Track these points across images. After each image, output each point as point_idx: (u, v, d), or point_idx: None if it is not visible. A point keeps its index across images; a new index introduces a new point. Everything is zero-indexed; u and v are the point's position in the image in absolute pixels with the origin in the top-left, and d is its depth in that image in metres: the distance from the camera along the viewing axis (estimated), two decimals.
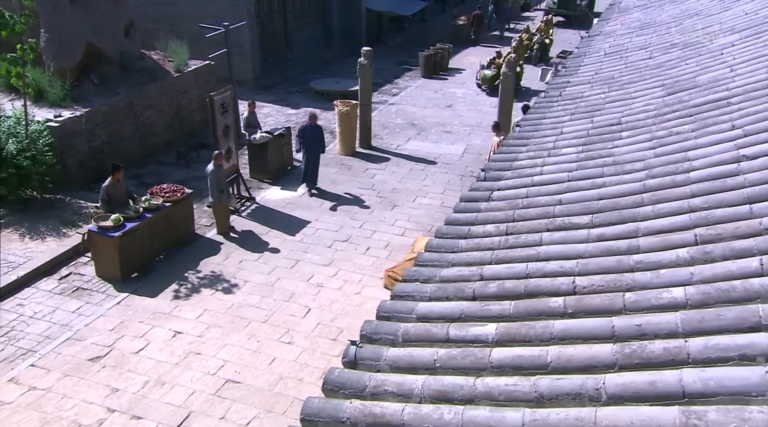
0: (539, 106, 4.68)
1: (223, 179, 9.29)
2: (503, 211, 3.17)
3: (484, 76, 16.29)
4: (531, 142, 4.01)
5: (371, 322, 2.46)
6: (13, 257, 8.36)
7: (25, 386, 6.37)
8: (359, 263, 8.86)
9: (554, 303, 2.21)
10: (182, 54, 12.48)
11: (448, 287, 2.58)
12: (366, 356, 2.23)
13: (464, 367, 2.01)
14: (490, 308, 2.32)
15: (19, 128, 9.05)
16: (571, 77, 5.08)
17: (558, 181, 3.26)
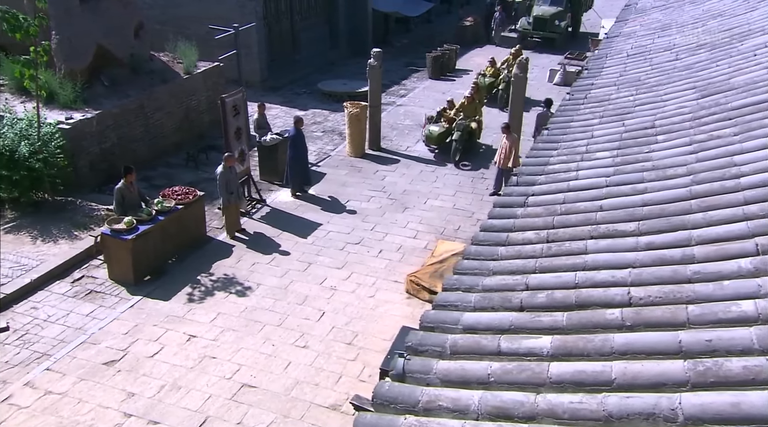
0: (565, 109, 4.60)
1: (232, 181, 9.21)
2: (541, 217, 3.09)
3: (429, 133, 12.23)
4: (561, 145, 3.93)
5: (416, 333, 2.38)
6: (26, 259, 8.29)
7: (41, 390, 6.30)
8: (372, 266, 8.77)
9: (610, 315, 2.13)
10: (191, 56, 12.42)
11: (493, 297, 2.50)
12: (415, 368, 2.15)
13: (521, 382, 1.93)
14: (541, 319, 2.24)
15: (31, 131, 8.99)
16: (594, 79, 4.99)
17: (596, 187, 3.17)
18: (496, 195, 10.95)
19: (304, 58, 18.01)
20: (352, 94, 15.54)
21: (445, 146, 12.48)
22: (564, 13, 20.65)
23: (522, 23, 21.15)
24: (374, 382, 6.63)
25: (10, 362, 6.66)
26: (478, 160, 12.39)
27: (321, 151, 12.81)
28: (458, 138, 11.87)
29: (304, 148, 10.72)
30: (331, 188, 11.15)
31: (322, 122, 14.46)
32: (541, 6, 20.77)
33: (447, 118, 12.56)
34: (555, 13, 20.34)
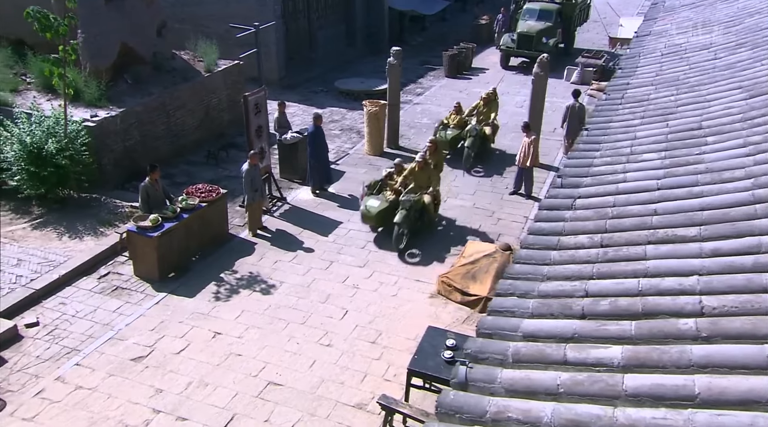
0: (602, 109, 4.48)
1: (257, 179, 9.18)
2: (592, 220, 2.99)
3: (367, 211, 9.03)
4: (603, 146, 3.82)
5: (476, 340, 2.30)
6: (54, 255, 8.32)
7: (71, 385, 6.31)
8: (393, 265, 8.70)
9: (684, 325, 2.04)
10: (212, 54, 12.40)
11: (551, 303, 2.41)
12: (478, 377, 2.08)
13: (593, 394, 1.84)
14: (607, 328, 2.15)
15: (57, 128, 9.01)
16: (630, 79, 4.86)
17: (647, 190, 3.07)
18: (516, 194, 10.82)
19: (321, 56, 17.94)
20: (369, 92, 15.46)
21: (389, 227, 8.85)
22: (553, 29, 17.80)
23: (504, 41, 17.99)
24: (399, 381, 6.58)
25: (41, 356, 6.68)
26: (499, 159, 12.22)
27: (339, 149, 12.74)
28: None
29: (323, 145, 10.65)
30: (350, 187, 11.08)
31: (340, 121, 14.39)
32: (527, 21, 17.82)
33: (392, 189, 9.03)
34: (542, 30, 17.50)
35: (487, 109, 11.99)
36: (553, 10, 18.16)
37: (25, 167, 8.71)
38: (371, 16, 19.42)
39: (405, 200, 8.76)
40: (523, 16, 18.26)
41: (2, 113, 9.32)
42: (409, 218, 8.75)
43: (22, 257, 8.21)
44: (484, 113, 11.94)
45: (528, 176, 10.68)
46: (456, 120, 11.95)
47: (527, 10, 18.37)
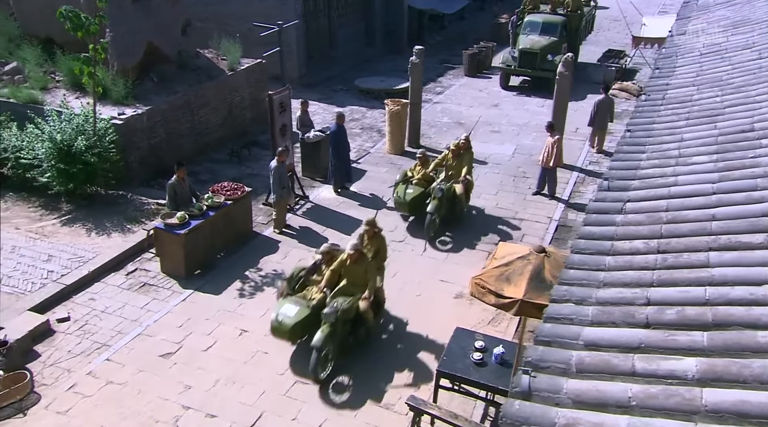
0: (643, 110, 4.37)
1: (285, 176, 9.18)
2: (645, 225, 2.90)
3: (278, 323, 6.54)
4: (648, 148, 3.72)
5: (536, 348, 2.23)
6: (83, 251, 8.40)
7: (102, 380, 6.36)
8: (417, 265, 8.64)
9: (763, 338, 1.95)
10: (235, 53, 12.43)
11: (612, 311, 2.34)
12: (542, 387, 2.01)
13: (669, 408, 1.77)
14: (676, 338, 2.07)
15: (86, 126, 9.09)
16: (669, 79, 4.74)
17: (702, 194, 2.97)
18: (539, 195, 10.68)
19: (341, 55, 17.91)
20: (390, 91, 15.40)
21: None
22: (559, 44, 15.54)
23: (505, 58, 15.96)
24: (426, 382, 6.53)
25: (73, 351, 6.75)
26: (520, 159, 12.06)
27: (360, 148, 12.70)
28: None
29: (345, 144, 10.62)
30: (372, 186, 11.04)
31: (360, 119, 14.35)
32: (529, 35, 15.75)
33: (317, 288, 6.78)
34: (547, 45, 15.38)
35: (458, 162, 9.48)
36: (558, 23, 15.96)
37: (55, 164, 8.80)
38: (390, 14, 19.34)
39: (327, 313, 6.23)
40: (524, 29, 16.04)
41: (33, 111, 9.43)
42: (336, 338, 6.34)
43: (53, 252, 8.30)
44: (453, 167, 9.50)
45: (551, 176, 10.54)
46: (421, 174, 9.50)
47: (529, 23, 16.14)
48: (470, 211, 9.98)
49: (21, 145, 9.06)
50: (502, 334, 7.05)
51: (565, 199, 10.62)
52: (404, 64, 18.01)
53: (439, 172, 9.69)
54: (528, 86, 16.34)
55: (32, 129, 9.06)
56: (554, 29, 15.93)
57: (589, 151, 12.63)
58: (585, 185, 11.21)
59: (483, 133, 13.61)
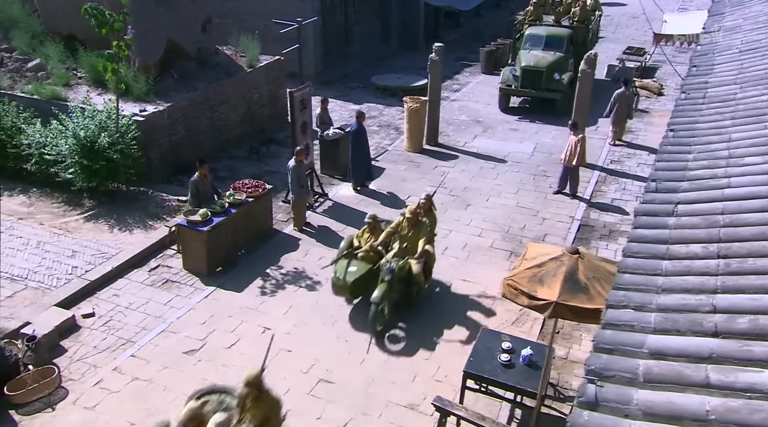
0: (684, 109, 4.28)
1: (303, 175, 9.17)
2: (702, 229, 2.83)
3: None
4: (694, 149, 3.64)
5: (599, 356, 2.19)
6: (106, 247, 8.47)
7: (128, 376, 6.40)
8: (438, 264, 8.54)
9: None
10: (254, 50, 12.45)
11: (677, 319, 2.28)
12: (610, 397, 1.96)
13: (753, 424, 1.71)
14: (752, 349, 2.01)
15: (109, 122, 9.15)
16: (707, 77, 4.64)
17: (760, 196, 2.88)
18: (560, 194, 10.57)
19: (356, 52, 17.86)
20: (406, 88, 15.34)
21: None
22: (565, 60, 13.73)
23: (505, 76, 13.87)
24: (450, 383, 6.50)
25: (98, 347, 6.80)
26: (540, 157, 11.94)
27: (378, 145, 12.66)
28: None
29: (366, 142, 10.61)
30: (391, 184, 11.00)
31: (378, 117, 14.30)
32: (532, 51, 13.71)
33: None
34: (553, 63, 13.45)
35: (416, 232, 7.17)
36: (563, 36, 13.99)
37: (78, 160, 8.87)
38: (406, 11, 19.24)
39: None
40: (525, 44, 14.07)
41: (56, 107, 9.51)
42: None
43: (77, 248, 8.38)
44: (409, 238, 7.18)
45: (574, 175, 10.43)
46: (368, 243, 7.43)
47: (530, 36, 14.09)
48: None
49: (45, 141, 9.14)
50: (526, 334, 6.99)
51: (587, 198, 10.51)
52: (420, 62, 18.00)
53: (393, 242, 7.42)
54: (529, 107, 14.41)
55: (56, 125, 9.14)
56: (559, 43, 13.84)
57: (610, 149, 12.48)
58: (607, 185, 11.08)
59: (502, 130, 13.51)
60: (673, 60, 17.29)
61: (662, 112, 14.67)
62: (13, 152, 9.53)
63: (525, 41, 14.24)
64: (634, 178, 11.30)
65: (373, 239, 7.50)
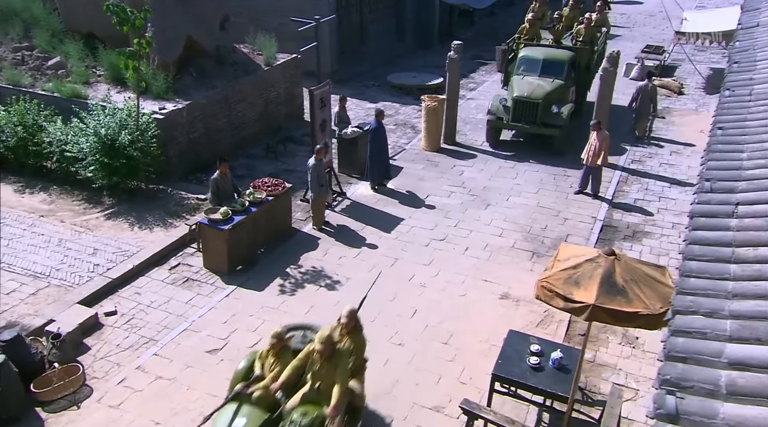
0: (730, 106, 4.15)
1: (323, 173, 9.10)
2: (766, 231, 2.71)
3: None
4: (747, 148, 3.51)
5: (674, 365, 2.08)
6: (127, 245, 8.45)
7: (152, 375, 6.37)
8: (460, 264, 8.49)
9: None
10: (271, 48, 12.40)
11: (756, 327, 2.16)
12: (692, 410, 1.86)
13: None
14: None
15: (129, 120, 9.14)
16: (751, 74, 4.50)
17: None
18: (582, 193, 10.41)
19: (371, 50, 17.77)
20: (422, 87, 15.23)
21: None
22: (565, 89, 11.69)
23: (494, 106, 11.68)
24: (475, 385, 6.40)
25: (121, 345, 6.78)
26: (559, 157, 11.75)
27: (395, 144, 12.56)
28: None
29: (385, 140, 10.52)
30: (409, 183, 10.91)
31: (394, 115, 14.20)
32: (526, 77, 11.62)
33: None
34: (551, 92, 11.32)
35: (330, 369, 4.96)
36: (564, 61, 11.73)
37: (99, 158, 8.87)
38: (421, 10, 19.12)
39: None
40: (519, 68, 11.90)
41: (77, 105, 9.51)
42: None
43: (98, 246, 8.37)
44: (323, 375, 4.97)
45: (596, 175, 10.27)
46: (273, 371, 5.15)
47: (525, 60, 11.92)
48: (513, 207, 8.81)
49: (66, 138, 9.15)
50: (551, 337, 6.87)
51: (609, 198, 10.35)
52: (435, 60, 17.91)
53: (304, 378, 5.15)
54: (523, 141, 12.27)
55: (77, 123, 9.14)
56: (559, 69, 11.63)
57: (631, 149, 12.30)
58: (629, 185, 10.91)
59: None
60: (693, 58, 17.03)
61: (683, 111, 14.45)
62: (34, 150, 9.56)
63: (519, 65, 11.99)
64: (656, 179, 11.12)
65: (279, 367, 5.11)
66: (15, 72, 10.55)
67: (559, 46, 12.62)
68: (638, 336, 7.13)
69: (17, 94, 9.87)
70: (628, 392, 6.23)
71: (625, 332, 7.19)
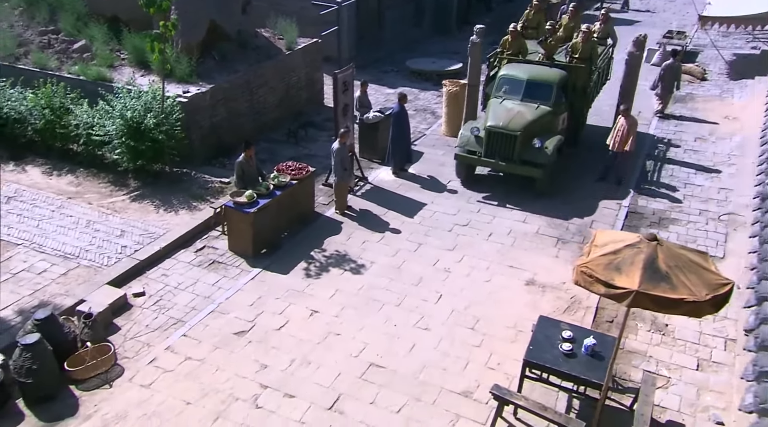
0: None
1: (347, 158, 8.90)
2: None
3: None
4: None
5: None
6: (153, 228, 8.36)
7: (181, 355, 6.29)
8: (484, 250, 8.28)
9: None
10: (292, 32, 12.14)
11: None
12: None
13: None
14: None
15: (154, 103, 8.99)
16: None
17: None
18: (605, 181, 10.08)
19: (389, 36, 17.40)
20: (441, 72, 14.90)
21: None
22: (553, 118, 9.33)
23: (464, 139, 9.40)
24: (503, 370, 6.23)
25: (150, 325, 6.71)
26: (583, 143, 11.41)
27: (415, 130, 12.27)
28: None
29: (407, 125, 10.28)
30: (430, 168, 10.67)
31: (413, 101, 13.88)
32: (505, 102, 9.36)
33: None
34: (533, 123, 9.04)
35: None
36: (552, 82, 9.36)
37: (125, 141, 8.75)
38: None
39: None
40: (498, 89, 9.63)
41: (103, 88, 9.38)
42: None
43: (125, 228, 8.29)
44: None
45: (622, 161, 9.95)
46: None
47: (505, 79, 9.62)
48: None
49: (92, 121, 9.04)
50: (579, 323, 6.66)
51: (634, 184, 10.03)
52: (453, 46, 17.49)
53: None
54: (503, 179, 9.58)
55: (103, 106, 9.02)
56: (546, 92, 9.28)
57: (655, 135, 11.92)
58: (653, 171, 10.58)
59: None
60: (717, 44, 16.44)
61: (706, 97, 13.96)
62: (62, 132, 9.47)
63: (498, 86, 9.65)
64: (681, 165, 10.77)
65: None
66: (42, 55, 10.43)
67: (550, 63, 10.00)
68: (668, 323, 6.91)
69: (44, 77, 9.76)
70: (660, 379, 6.03)
71: (654, 319, 6.97)
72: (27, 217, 8.39)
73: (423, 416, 5.67)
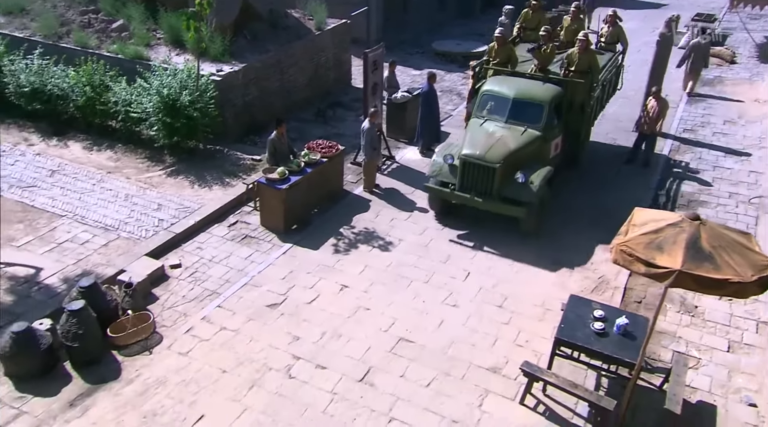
0: None
1: (376, 137, 8.65)
2: None
3: None
4: None
5: None
6: (188, 202, 8.29)
7: (216, 325, 6.24)
8: (511, 229, 7.99)
9: None
10: (321, 13, 11.80)
11: None
12: None
13: None
14: None
15: (189, 81, 8.83)
16: None
17: None
18: (632, 162, 9.64)
19: (414, 19, 16.87)
20: (467, 54, 14.39)
21: None
22: (542, 144, 7.63)
23: (437, 166, 7.70)
24: (531, 348, 6.03)
25: (187, 296, 6.67)
26: (608, 126, 10.94)
27: (442, 110, 11.78)
28: None
29: (436, 104, 9.95)
30: None
31: (439, 82, 13.30)
32: (486, 124, 7.69)
33: None
34: (518, 150, 7.37)
35: None
36: (544, 101, 7.60)
37: (161, 118, 8.64)
38: None
39: None
40: (481, 108, 7.91)
41: (140, 66, 9.25)
42: None
43: (162, 202, 8.24)
44: None
45: (650, 143, 9.48)
46: None
47: (488, 96, 7.90)
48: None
49: (130, 98, 8.94)
50: (608, 303, 6.40)
51: (662, 167, 9.58)
52: (477, 28, 16.90)
53: None
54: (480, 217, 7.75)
55: (140, 83, 8.90)
56: (536, 113, 7.55)
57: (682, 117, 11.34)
58: (681, 154, 10.09)
59: None
60: (747, 26, 15.52)
61: (736, 80, 13.22)
62: (101, 109, 9.41)
63: (480, 103, 7.91)
64: (709, 148, 10.24)
65: None
66: (82, 34, 10.34)
67: (544, 76, 8.19)
68: (697, 305, 6.59)
69: (85, 55, 9.67)
70: (691, 360, 5.76)
71: (683, 300, 6.66)
72: (70, 190, 8.40)
73: (452, 390, 5.53)
